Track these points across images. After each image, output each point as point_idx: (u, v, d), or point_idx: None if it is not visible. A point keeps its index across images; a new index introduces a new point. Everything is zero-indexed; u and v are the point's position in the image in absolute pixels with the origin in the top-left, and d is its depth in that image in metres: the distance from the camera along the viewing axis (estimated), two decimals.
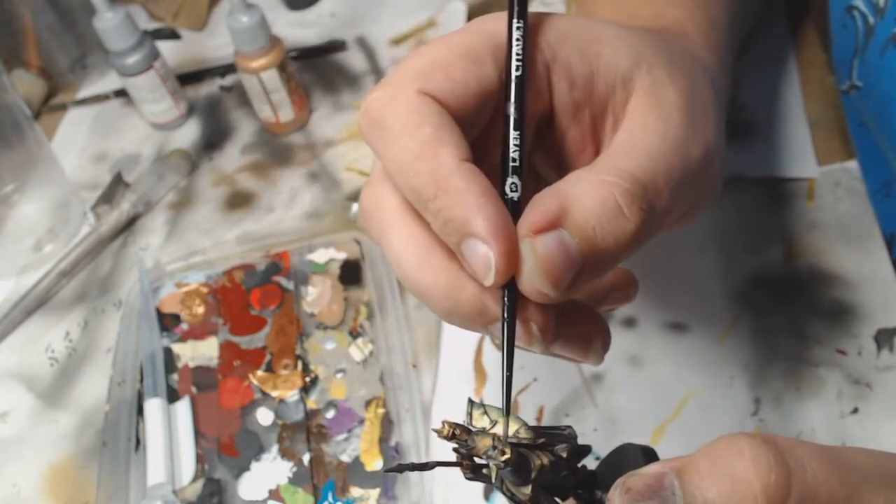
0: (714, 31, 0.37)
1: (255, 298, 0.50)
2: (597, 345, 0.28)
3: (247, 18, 0.56)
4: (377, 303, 0.48)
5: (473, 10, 0.67)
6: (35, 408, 0.49)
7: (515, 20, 0.26)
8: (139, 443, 0.45)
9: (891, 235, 0.46)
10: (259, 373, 0.47)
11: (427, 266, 0.26)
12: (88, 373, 0.50)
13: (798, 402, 0.40)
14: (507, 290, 0.25)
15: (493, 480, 0.25)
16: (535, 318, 0.25)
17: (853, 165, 0.49)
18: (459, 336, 0.46)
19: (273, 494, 0.42)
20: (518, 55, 0.26)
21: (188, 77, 0.68)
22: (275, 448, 0.44)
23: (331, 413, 0.45)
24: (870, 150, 0.48)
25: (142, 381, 0.47)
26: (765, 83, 0.54)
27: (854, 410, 0.40)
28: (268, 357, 0.47)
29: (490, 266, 0.24)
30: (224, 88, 0.67)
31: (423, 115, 0.25)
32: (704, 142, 0.28)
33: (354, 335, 0.48)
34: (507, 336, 0.25)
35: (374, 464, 0.42)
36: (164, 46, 0.65)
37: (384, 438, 0.43)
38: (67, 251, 0.55)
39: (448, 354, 0.46)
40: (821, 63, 0.55)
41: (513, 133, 0.26)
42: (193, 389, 0.47)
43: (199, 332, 0.49)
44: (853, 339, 0.42)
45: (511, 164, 0.26)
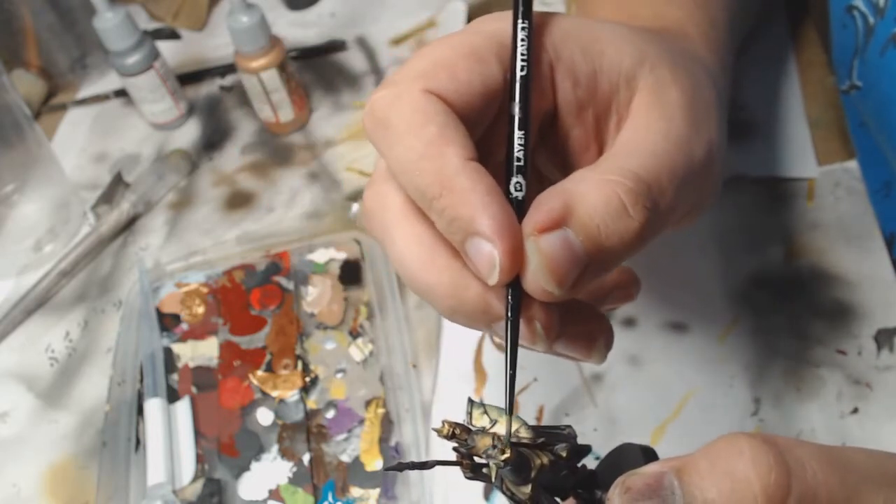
0: (714, 31, 0.37)
1: (255, 298, 0.50)
2: (600, 344, 0.28)
3: (247, 18, 0.56)
4: (377, 303, 0.48)
5: (473, 10, 0.67)
6: (35, 408, 0.49)
7: (521, 20, 0.26)
8: (139, 443, 0.45)
9: (891, 235, 0.46)
10: (259, 373, 0.47)
11: (431, 265, 0.26)
12: (88, 373, 0.50)
13: (798, 402, 0.40)
14: (511, 289, 0.25)
15: (493, 480, 0.25)
16: (539, 317, 0.25)
17: (853, 165, 0.49)
18: (459, 336, 0.46)
19: (273, 494, 0.42)
20: (523, 55, 0.26)
21: (188, 77, 0.68)
22: (275, 448, 0.44)
23: (331, 413, 0.45)
24: (870, 150, 0.48)
25: (142, 381, 0.47)
26: (765, 83, 0.54)
27: (854, 410, 0.40)
28: (268, 357, 0.47)
29: (494, 265, 0.24)
30: (224, 88, 0.67)
31: (429, 114, 0.25)
32: (707, 141, 0.28)
33: (354, 335, 0.48)
34: (511, 334, 0.25)
35: (374, 464, 0.42)
36: (164, 46, 0.65)
37: (384, 438, 0.43)
38: (67, 251, 0.55)
39: (448, 354, 0.46)
40: (821, 63, 0.55)
41: (517, 132, 0.26)
42: (193, 389, 0.47)
43: (199, 332, 0.49)
44: (853, 339, 0.42)
45: (515, 164, 0.25)
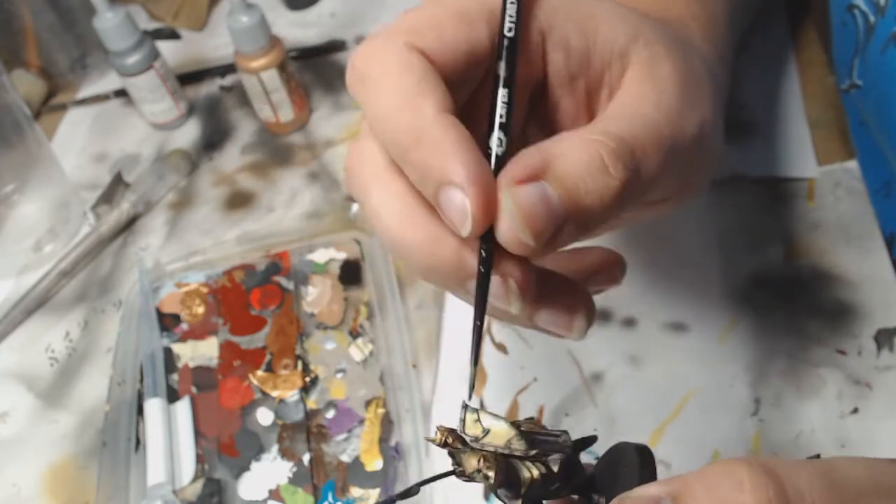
0: (713, 25, 0.37)
1: (255, 298, 0.50)
2: (580, 318, 0.27)
3: (247, 18, 0.56)
4: (377, 303, 0.48)
5: None
6: (35, 408, 0.49)
7: None
8: (139, 443, 0.45)
9: (891, 235, 0.46)
10: (259, 373, 0.47)
11: (407, 222, 0.26)
12: (88, 373, 0.50)
13: (798, 402, 0.40)
14: (484, 241, 0.24)
15: (484, 490, 0.25)
16: (514, 274, 0.25)
17: (853, 165, 0.49)
18: (459, 336, 0.46)
19: (273, 494, 0.42)
20: (511, 17, 0.26)
21: (188, 77, 0.68)
22: (275, 448, 0.44)
23: (331, 413, 0.45)
24: (870, 150, 0.48)
25: (142, 381, 0.47)
26: (765, 83, 0.54)
27: (854, 410, 0.40)
28: (268, 357, 0.47)
29: (466, 214, 0.23)
30: (224, 88, 0.67)
31: (407, 66, 0.25)
32: (699, 119, 0.28)
33: (354, 335, 0.48)
34: (481, 285, 0.25)
35: (374, 464, 0.42)
36: (164, 46, 0.65)
37: (384, 438, 0.43)
38: (67, 251, 0.55)
39: (448, 354, 0.46)
40: (821, 63, 0.55)
41: (501, 91, 0.25)
42: (193, 389, 0.47)
43: (199, 332, 0.49)
44: (853, 339, 0.42)
45: (498, 121, 0.25)
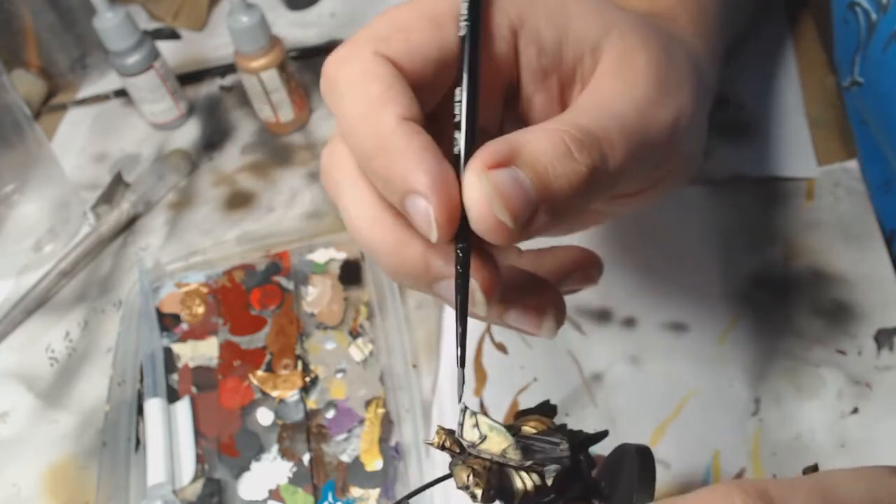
0: (704, 19, 0.37)
1: (255, 298, 0.50)
2: (550, 317, 0.28)
3: (247, 18, 0.56)
4: (377, 303, 0.48)
5: None
6: (35, 408, 0.49)
7: None
8: (139, 443, 0.45)
9: (891, 232, 0.46)
10: (259, 373, 0.47)
11: (375, 225, 0.26)
12: (88, 373, 0.50)
13: (798, 402, 0.40)
14: (459, 240, 0.25)
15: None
16: (477, 277, 0.25)
17: (853, 165, 0.49)
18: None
19: (273, 494, 0.42)
20: (464, 14, 0.26)
21: (188, 77, 0.68)
22: (275, 448, 0.44)
23: (331, 413, 0.45)
24: (871, 148, 0.48)
25: (142, 381, 0.47)
26: (765, 83, 0.54)
27: (854, 410, 0.40)
28: (268, 357, 0.47)
29: (431, 222, 0.24)
30: (224, 88, 0.67)
31: (374, 75, 0.25)
32: (675, 110, 0.28)
33: (354, 335, 0.48)
34: (460, 286, 0.25)
35: (374, 464, 0.42)
36: (164, 46, 0.65)
37: (384, 438, 0.43)
38: (67, 251, 0.55)
39: (448, 354, 0.46)
40: (821, 62, 0.55)
41: (457, 90, 0.26)
42: (193, 389, 0.47)
43: (199, 332, 0.49)
44: (853, 339, 0.42)
45: (454, 121, 0.26)
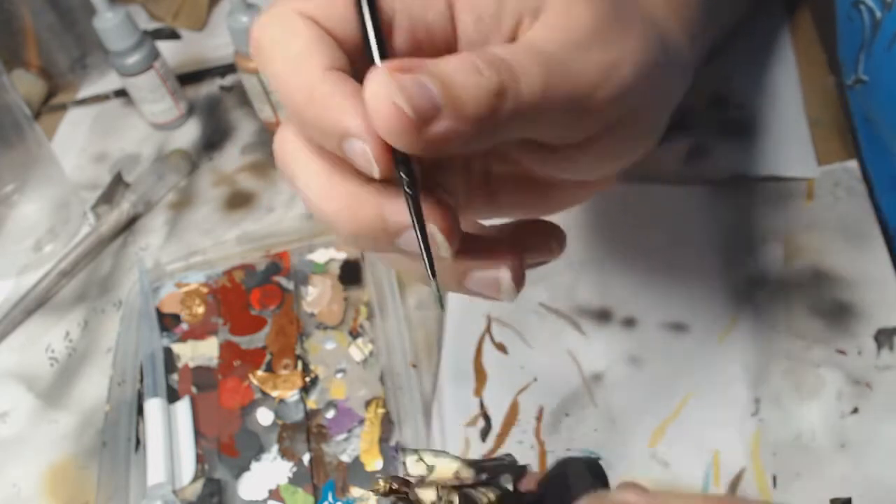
0: (687, 11, 0.36)
1: (255, 298, 0.50)
2: (508, 279, 0.28)
3: (247, 18, 0.56)
4: (377, 303, 0.48)
5: None
6: (35, 408, 0.49)
7: None
8: (139, 443, 0.45)
9: (895, 231, 0.46)
10: (259, 373, 0.47)
11: (328, 194, 0.26)
12: (88, 373, 0.50)
13: (798, 402, 0.40)
14: (401, 164, 0.25)
15: None
16: (436, 220, 0.26)
17: (853, 165, 0.49)
18: (459, 336, 0.46)
19: (273, 494, 0.42)
20: None
21: (188, 77, 0.68)
22: (275, 448, 0.44)
23: (331, 413, 0.45)
24: (876, 146, 0.48)
25: (142, 381, 0.47)
26: (765, 83, 0.54)
27: (854, 410, 0.40)
28: (268, 357, 0.47)
29: (368, 157, 0.24)
30: (224, 88, 0.67)
31: (295, 32, 0.25)
32: (612, 58, 0.28)
33: (354, 335, 0.48)
34: (412, 200, 0.25)
35: (375, 464, 0.42)
36: (164, 46, 0.65)
37: (384, 438, 0.43)
38: (67, 251, 0.55)
39: (448, 354, 0.46)
40: (821, 62, 0.55)
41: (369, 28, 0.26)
42: (193, 389, 0.47)
43: (199, 332, 0.49)
44: (853, 339, 0.42)
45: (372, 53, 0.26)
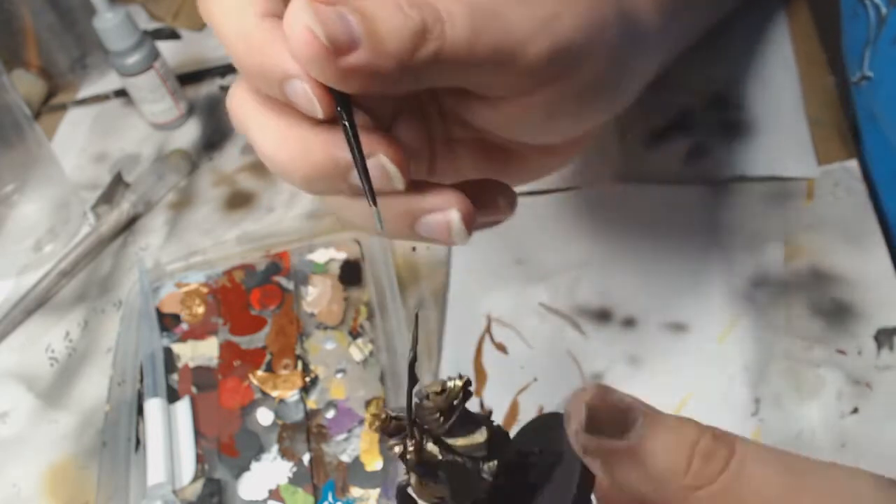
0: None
1: (255, 298, 0.50)
2: (457, 220, 0.28)
3: None
4: (377, 303, 0.48)
5: None
6: (35, 408, 0.49)
7: None
8: (139, 443, 0.45)
9: None
10: (259, 373, 0.47)
11: (281, 144, 0.27)
12: (88, 373, 0.50)
13: (798, 402, 0.40)
14: (339, 99, 0.25)
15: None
16: (386, 152, 0.26)
17: (853, 165, 0.49)
18: (459, 336, 0.46)
19: (273, 494, 0.42)
20: None
21: (188, 77, 0.68)
22: (275, 448, 0.44)
23: (331, 413, 0.45)
24: (879, 142, 0.48)
25: (142, 381, 0.47)
26: (765, 83, 0.54)
27: (854, 410, 0.40)
28: (268, 357, 0.47)
29: (308, 96, 0.25)
30: (224, 88, 0.67)
31: None
32: (546, 13, 0.28)
33: (354, 335, 0.48)
34: (349, 130, 0.26)
35: (375, 464, 0.42)
36: (164, 46, 0.65)
37: (384, 438, 0.43)
38: (67, 251, 0.55)
39: (448, 354, 0.46)
40: (821, 62, 0.55)
41: None
42: (193, 389, 0.47)
43: (199, 332, 0.49)
44: (853, 339, 0.42)
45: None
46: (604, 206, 0.50)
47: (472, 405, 0.40)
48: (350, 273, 0.51)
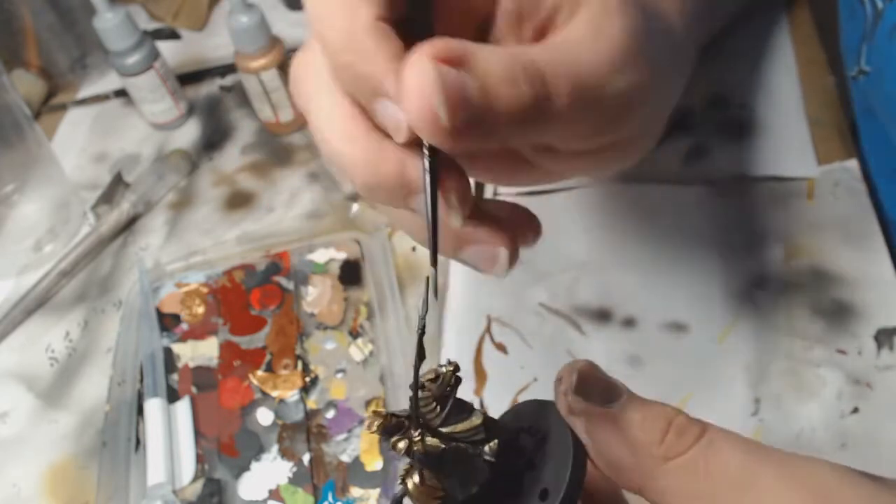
0: (686, 4, 0.37)
1: (255, 298, 0.50)
2: (504, 257, 0.29)
3: (247, 18, 0.56)
4: (377, 303, 0.48)
5: None
6: (35, 408, 0.49)
7: None
8: (139, 443, 0.45)
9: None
10: (259, 373, 0.47)
11: (349, 137, 0.26)
12: (88, 373, 0.50)
13: (798, 402, 0.40)
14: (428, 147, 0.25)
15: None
16: (453, 187, 0.26)
17: (853, 164, 0.49)
18: (460, 336, 0.46)
19: (273, 494, 0.42)
20: None
21: (188, 77, 0.68)
22: (275, 448, 0.44)
23: (331, 413, 0.45)
24: (877, 137, 0.48)
25: (142, 381, 0.47)
26: (765, 83, 0.54)
27: (854, 410, 0.40)
28: (268, 357, 0.47)
29: (400, 125, 0.24)
30: (224, 88, 0.67)
31: None
32: (634, 80, 0.28)
33: (354, 335, 0.48)
34: (431, 183, 0.25)
35: (374, 464, 0.42)
36: (164, 46, 0.65)
37: (384, 439, 0.43)
38: (67, 251, 0.55)
39: (448, 355, 0.46)
40: (821, 62, 0.55)
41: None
42: (193, 389, 0.47)
43: (199, 332, 0.49)
44: (853, 339, 0.42)
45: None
46: (604, 206, 0.50)
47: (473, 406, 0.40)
48: (350, 273, 0.51)
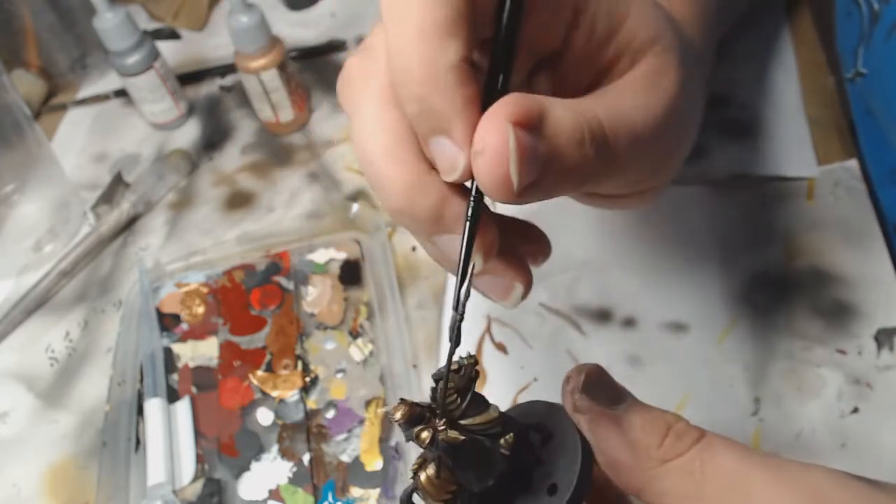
0: (704, 23, 0.37)
1: (255, 298, 0.50)
2: (517, 289, 0.29)
3: (247, 18, 0.56)
4: (377, 303, 0.48)
5: None
6: (35, 408, 0.49)
7: None
8: (139, 443, 0.45)
9: (894, 226, 0.46)
10: (259, 373, 0.47)
11: (393, 157, 0.25)
12: (88, 373, 0.50)
13: (798, 402, 0.40)
14: (474, 191, 0.25)
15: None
16: (484, 231, 0.26)
17: (853, 164, 0.49)
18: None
19: (273, 494, 0.42)
20: None
21: (188, 77, 0.68)
22: (275, 448, 0.44)
23: (331, 413, 0.45)
24: (875, 138, 0.48)
25: (142, 381, 0.47)
26: (765, 83, 0.54)
27: (854, 410, 0.40)
28: (268, 357, 0.47)
29: (456, 168, 0.24)
30: (224, 88, 0.67)
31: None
32: (680, 133, 0.30)
33: (354, 335, 0.48)
34: (469, 230, 0.25)
35: (374, 464, 0.42)
36: (164, 46, 0.65)
37: (384, 438, 0.43)
38: (67, 251, 0.55)
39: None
40: (820, 62, 0.55)
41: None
42: (193, 389, 0.47)
43: (199, 332, 0.49)
44: (853, 339, 0.42)
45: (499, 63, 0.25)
46: None
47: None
48: (350, 273, 0.51)
